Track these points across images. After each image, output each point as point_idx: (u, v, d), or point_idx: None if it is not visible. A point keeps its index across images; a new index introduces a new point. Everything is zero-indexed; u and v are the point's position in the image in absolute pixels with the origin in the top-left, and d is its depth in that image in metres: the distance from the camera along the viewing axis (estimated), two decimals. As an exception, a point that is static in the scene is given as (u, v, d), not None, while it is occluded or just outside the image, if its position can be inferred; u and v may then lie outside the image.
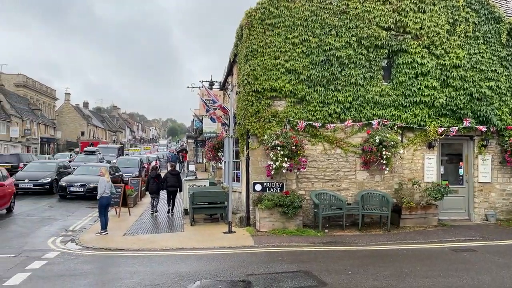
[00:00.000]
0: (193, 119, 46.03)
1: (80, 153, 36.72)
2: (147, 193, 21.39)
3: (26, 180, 19.61)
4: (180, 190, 15.58)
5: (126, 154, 43.82)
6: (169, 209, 15.50)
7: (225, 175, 16.07)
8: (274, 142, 11.49)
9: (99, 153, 32.14)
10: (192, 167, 29.19)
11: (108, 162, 28.54)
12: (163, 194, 16.10)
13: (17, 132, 47.89)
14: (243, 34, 12.69)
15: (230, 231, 11.43)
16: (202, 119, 30.52)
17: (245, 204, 12.72)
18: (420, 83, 13.00)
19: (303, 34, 12.62)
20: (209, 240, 10.63)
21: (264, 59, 12.41)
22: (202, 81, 16.27)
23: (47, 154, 47.09)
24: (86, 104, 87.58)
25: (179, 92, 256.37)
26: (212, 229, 12.17)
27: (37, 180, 19.78)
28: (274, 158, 11.49)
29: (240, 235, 11.19)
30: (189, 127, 74.48)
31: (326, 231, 11.77)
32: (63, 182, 19.15)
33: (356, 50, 12.82)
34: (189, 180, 16.50)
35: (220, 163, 21.76)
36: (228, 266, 8.26)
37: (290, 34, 12.59)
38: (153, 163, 36.86)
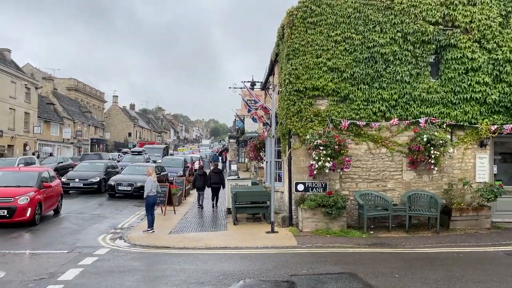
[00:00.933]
0: (235, 119, 46.50)
1: (128, 153, 38.06)
2: (191, 192, 21.97)
3: (76, 180, 20.47)
4: (223, 187, 16.73)
5: (171, 154, 44.89)
6: (213, 204, 17.00)
7: (267, 174, 16.10)
8: (316, 141, 11.37)
9: (145, 153, 33.22)
10: (234, 167, 29.45)
11: (154, 162, 29.38)
12: (206, 190, 17.37)
13: (69, 134, 50.33)
14: (285, 34, 12.65)
15: (272, 231, 11.43)
16: (243, 119, 30.76)
17: (287, 204, 12.68)
18: (471, 79, 12.41)
19: (346, 32, 12.41)
20: (252, 240, 10.68)
21: (306, 58, 12.31)
22: (244, 81, 16.41)
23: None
24: (132, 106, 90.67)
25: (221, 93, 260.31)
26: (255, 229, 12.22)
27: (86, 180, 20.59)
28: (316, 158, 11.37)
29: (283, 235, 11.16)
30: (231, 127, 75.30)
31: (371, 232, 11.50)
32: (112, 181, 19.92)
33: (402, 46, 12.43)
34: (232, 179, 16.66)
35: (262, 163, 21.84)
36: (272, 266, 8.26)
37: (333, 32, 12.41)
38: (196, 163, 37.60)
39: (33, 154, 38.27)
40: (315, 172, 11.64)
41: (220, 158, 41.07)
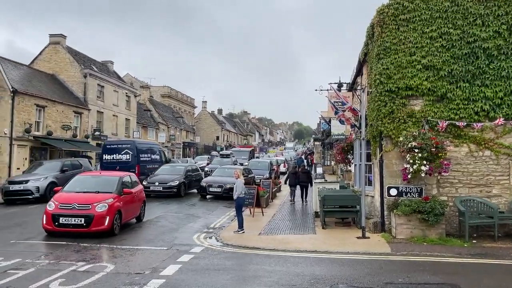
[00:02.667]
0: (320, 121, 46.03)
1: (217, 156, 39.78)
2: (277, 194, 22.22)
3: (156, 183, 20.47)
4: (311, 185, 18.88)
5: (257, 157, 45.74)
6: (302, 199, 19.25)
7: (356, 178, 15.68)
8: (411, 143, 10.81)
9: (232, 156, 34.43)
10: (319, 170, 29.17)
11: (241, 164, 30.23)
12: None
13: (163, 138, 53.79)
14: (375, 32, 12.25)
15: (364, 236, 11.10)
16: (329, 121, 30.38)
17: (379, 209, 12.22)
18: None
19: (443, 27, 11.66)
20: (342, 244, 10.47)
21: (398, 57, 11.79)
22: (331, 83, 16.19)
23: (188, 157, 52.02)
24: (220, 111, 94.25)
25: (303, 94, 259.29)
26: (345, 233, 11.97)
27: (166, 183, 20.40)
28: (411, 161, 10.81)
29: (375, 241, 10.77)
30: (315, 129, 74.74)
31: (473, 241, 10.62)
32: (203, 183, 20.91)
33: (507, 39, 11.36)
34: (319, 182, 16.50)
35: (350, 166, 21.33)
36: (364, 273, 8.02)
37: (427, 28, 11.73)
38: (281, 165, 37.84)
39: None
40: (409, 176, 11.07)
41: (305, 161, 40.99)
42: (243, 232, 12.04)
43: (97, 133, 36.23)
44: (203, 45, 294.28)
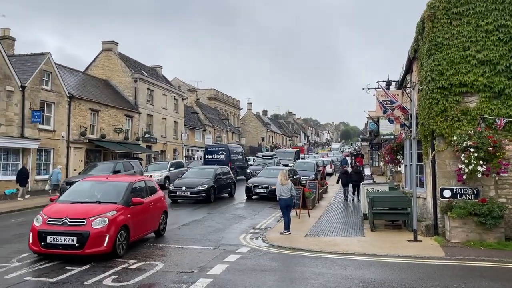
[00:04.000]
0: (367, 121, 44.97)
1: (259, 157, 39.63)
2: (324, 196, 21.93)
3: (183, 188, 18.94)
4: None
5: (302, 158, 45.35)
6: (353, 198, 20.45)
7: (407, 179, 15.13)
8: (465, 143, 10.28)
9: (275, 157, 34.23)
10: (367, 171, 28.47)
11: (285, 165, 30.08)
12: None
13: (210, 140, 54.71)
14: (425, 28, 11.77)
15: (415, 240, 10.66)
16: (377, 120, 29.55)
17: (431, 211, 11.71)
18: None
19: (499, 19, 11.01)
20: (392, 248, 10.12)
21: (451, 52, 11.26)
22: (379, 81, 15.70)
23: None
24: (265, 112, 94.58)
25: (349, 93, 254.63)
26: (395, 236, 11.57)
27: (194, 188, 18.86)
28: (466, 161, 10.27)
29: (428, 245, 10.32)
30: (362, 129, 73.17)
31: (537, 247, 9.91)
32: (249, 183, 21.01)
33: None
34: (367, 184, 16.08)
35: (399, 167, 20.64)
36: (417, 277, 7.70)
37: (482, 21, 11.12)
38: (328, 167, 37.32)
39: (188, 158, 42.76)
40: (464, 177, 10.52)
41: (349, 160, 40.19)
42: (290, 233, 11.96)
43: (147, 135, 37.47)
44: (245, 45, 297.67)
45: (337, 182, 22.82)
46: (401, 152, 16.20)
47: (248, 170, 29.90)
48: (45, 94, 25.40)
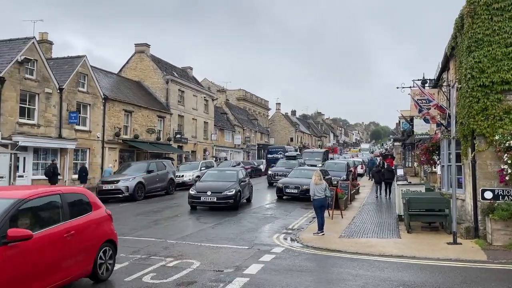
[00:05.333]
0: (399, 121, 44.05)
1: (282, 158, 38.36)
2: (356, 197, 21.64)
3: (208, 193, 16.34)
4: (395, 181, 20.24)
5: (331, 159, 44.70)
6: (385, 195, 21.68)
7: (444, 180, 14.71)
8: (508, 142, 9.92)
9: (299, 158, 32.90)
10: (400, 171, 27.87)
11: (313, 166, 29.58)
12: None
13: (239, 140, 55.03)
14: (464, 24, 11.41)
15: (455, 242, 10.35)
16: (411, 120, 28.91)
17: (471, 213, 11.34)
18: None
19: (544, 13, 10.53)
20: (431, 250, 9.86)
21: (492, 49, 10.86)
22: (414, 80, 15.36)
23: (263, 159, 52.56)
24: (293, 112, 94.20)
25: (380, 93, 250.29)
26: (432, 239, 11.28)
27: (221, 193, 16.40)
28: (509, 162, 9.89)
29: (468, 248, 10.00)
30: (393, 129, 71.72)
31: None
32: (280, 184, 20.97)
33: None
34: (402, 185, 15.73)
35: (435, 167, 20.12)
36: (459, 281, 7.46)
37: (526, 15, 10.67)
38: (359, 167, 36.79)
39: (215, 158, 43.06)
40: (507, 178, 10.14)
41: (378, 161, 39.37)
42: (323, 234, 11.86)
43: (178, 136, 38.04)
44: (270, 45, 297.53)
45: (370, 179, 25.99)
46: (437, 152, 15.79)
47: (269, 172, 29.12)
48: (81, 95, 26.19)
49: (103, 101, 28.13)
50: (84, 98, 26.54)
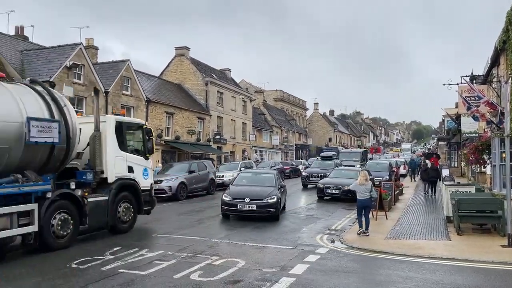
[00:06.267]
0: (443, 119, 42.54)
1: (317, 158, 37.48)
2: (400, 197, 21.05)
3: (247, 200, 13.88)
4: (440, 180, 20.71)
5: (370, 158, 43.43)
6: (431, 193, 22.01)
7: (495, 180, 14.04)
8: None
9: (335, 158, 31.59)
10: (446, 171, 26.90)
11: (351, 166, 28.74)
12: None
13: (277, 140, 55.04)
14: (518, 16, 10.86)
15: (509, 245, 9.84)
16: (456, 118, 27.85)
17: (527, 215, 10.73)
18: None
19: None
20: (484, 253, 9.43)
21: (549, 41, 10.27)
22: (463, 76, 14.80)
23: (302, 159, 52.27)
24: (332, 112, 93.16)
25: (420, 90, 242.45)
26: (484, 241, 10.79)
27: (261, 200, 13.90)
28: None
29: (525, 251, 9.49)
30: (436, 128, 69.28)
31: None
32: (320, 184, 20.75)
33: None
34: (450, 185, 15.15)
35: (484, 167, 19.28)
36: (517, 286, 7.10)
37: None
38: (401, 167, 35.79)
39: (247, 158, 43.25)
40: None
41: (420, 163, 38.11)
42: (368, 234, 11.63)
43: (217, 136, 38.55)
44: (302, 43, 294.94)
45: (412, 180, 28.27)
46: (487, 151, 15.12)
47: (303, 173, 28.31)
48: (125, 98, 27.07)
49: (146, 103, 28.93)
50: (128, 101, 27.39)
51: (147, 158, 13.00)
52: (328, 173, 23.36)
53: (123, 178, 11.89)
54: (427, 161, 38.11)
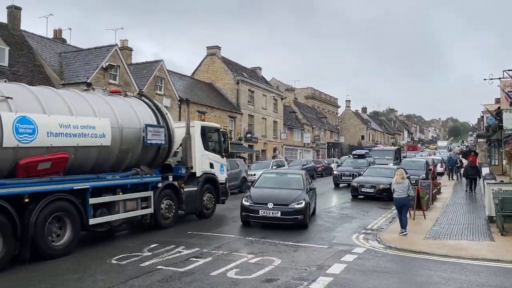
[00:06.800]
0: (482, 115, 40.99)
1: (349, 156, 36.43)
2: (437, 197, 20.41)
3: (270, 205, 12.01)
4: (479, 178, 21.40)
5: (404, 157, 42.08)
6: (470, 191, 21.92)
7: (542, 178, 13.37)
8: None
9: (369, 156, 30.26)
10: (486, 170, 25.89)
11: (384, 165, 27.93)
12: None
13: (308, 139, 54.62)
14: None
15: (560, 247, 9.37)
16: (497, 114, 26.69)
17: None
18: None
19: None
20: (531, 255, 9.00)
21: None
22: (505, 70, 14.16)
23: (334, 158, 51.68)
24: (364, 109, 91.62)
25: (456, 86, 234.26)
26: (532, 242, 10.29)
27: (287, 205, 12.06)
28: None
29: None
30: (474, 125, 66.76)
31: None
32: (354, 182, 20.41)
33: None
34: (492, 184, 14.54)
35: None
36: None
37: None
38: (438, 165, 34.76)
39: (278, 156, 43.15)
40: None
41: (455, 161, 36.79)
42: (406, 233, 11.35)
43: (248, 135, 38.65)
44: (332, 40, 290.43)
45: (450, 179, 29.72)
46: (532, 148, 14.41)
47: (335, 172, 27.60)
48: (158, 98, 27.53)
49: (179, 103, 29.33)
50: (161, 101, 27.86)
51: (222, 156, 15.40)
52: (362, 172, 22.94)
53: (207, 173, 14.21)
54: (463, 159, 36.95)
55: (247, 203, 12.48)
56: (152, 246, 9.77)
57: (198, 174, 13.71)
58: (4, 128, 7.96)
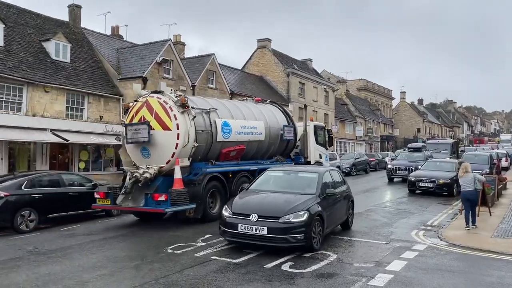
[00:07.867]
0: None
1: (404, 150, 34.71)
2: (503, 192, 19.10)
3: (253, 217, 8.07)
4: None
5: (461, 151, 39.58)
6: None
7: None
8: None
9: (425, 150, 28.64)
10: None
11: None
12: None
13: (361, 132, 53.18)
14: None
15: None
16: None
17: None
18: None
19: None
20: None
21: None
22: None
23: (387, 151, 49.96)
24: (420, 101, 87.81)
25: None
26: None
27: (277, 218, 8.07)
28: None
29: None
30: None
31: None
32: (412, 177, 19.54)
33: None
34: None
35: None
36: None
37: None
38: (503, 160, 32.60)
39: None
40: None
41: None
42: (469, 229, 10.78)
43: (299, 128, 38.21)
44: (383, 29, 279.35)
45: None
46: None
47: (389, 166, 26.27)
48: (210, 92, 27.85)
49: (230, 96, 29.50)
50: (213, 94, 28.13)
51: (327, 149, 19.66)
52: (418, 166, 21.92)
53: (318, 162, 17.94)
54: None
55: (226, 214, 8.63)
56: (206, 236, 9.82)
57: (312, 163, 17.32)
58: (218, 129, 12.61)
